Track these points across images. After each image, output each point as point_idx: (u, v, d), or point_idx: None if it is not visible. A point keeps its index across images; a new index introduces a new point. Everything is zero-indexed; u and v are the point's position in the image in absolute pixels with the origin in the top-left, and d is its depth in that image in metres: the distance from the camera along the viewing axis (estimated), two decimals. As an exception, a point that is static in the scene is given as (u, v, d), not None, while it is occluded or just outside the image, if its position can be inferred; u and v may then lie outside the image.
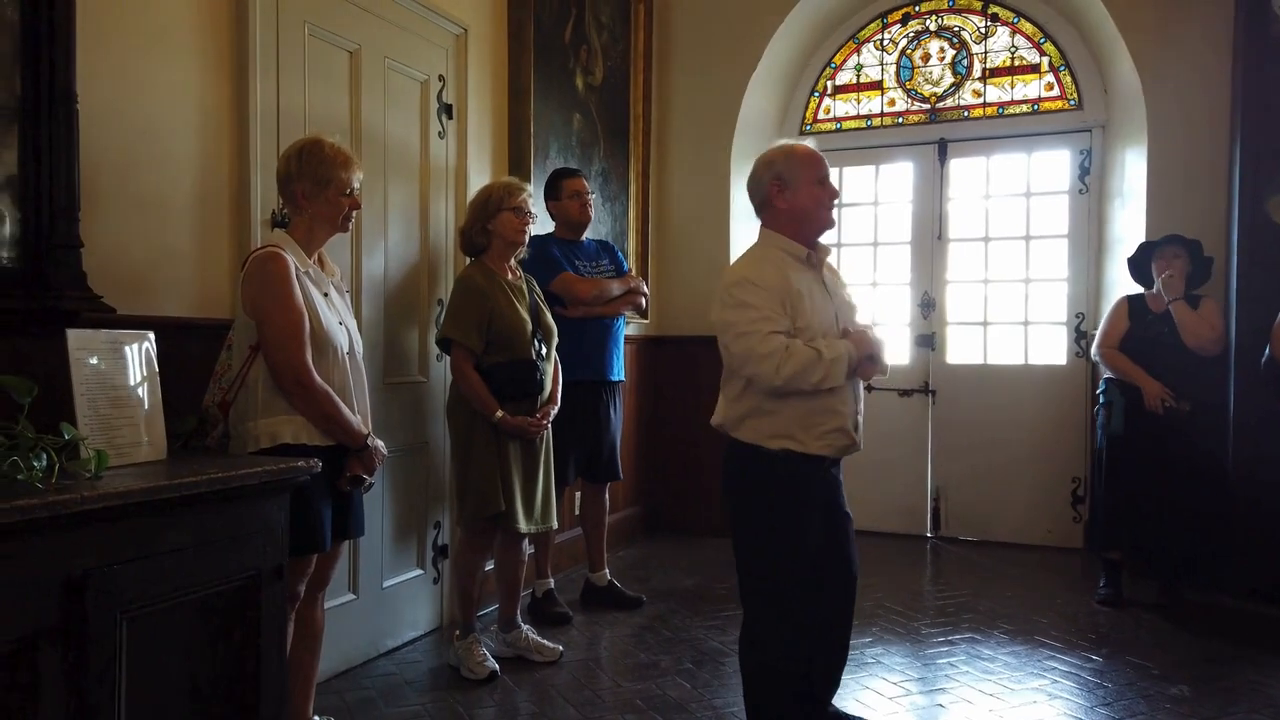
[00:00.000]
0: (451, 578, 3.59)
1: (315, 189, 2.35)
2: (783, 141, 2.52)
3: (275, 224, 2.69)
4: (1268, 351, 3.63)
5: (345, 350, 2.41)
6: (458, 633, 3.28)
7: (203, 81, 2.60)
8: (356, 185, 2.44)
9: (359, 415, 2.41)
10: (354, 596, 3.21)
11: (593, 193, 4.00)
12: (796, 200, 2.39)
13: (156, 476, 1.75)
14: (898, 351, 5.42)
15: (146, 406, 1.96)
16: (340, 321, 2.43)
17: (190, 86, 2.57)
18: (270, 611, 1.95)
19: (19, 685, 1.47)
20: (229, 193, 2.70)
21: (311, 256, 2.41)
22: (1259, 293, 4.01)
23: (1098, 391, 4.25)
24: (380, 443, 2.45)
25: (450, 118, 3.70)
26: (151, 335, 2.04)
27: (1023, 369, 5.26)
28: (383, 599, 3.37)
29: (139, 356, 1.98)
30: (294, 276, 2.27)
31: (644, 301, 4.10)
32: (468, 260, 3.41)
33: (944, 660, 3.40)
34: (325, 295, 2.40)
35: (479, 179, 3.76)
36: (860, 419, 2.47)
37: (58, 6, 2.07)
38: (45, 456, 1.60)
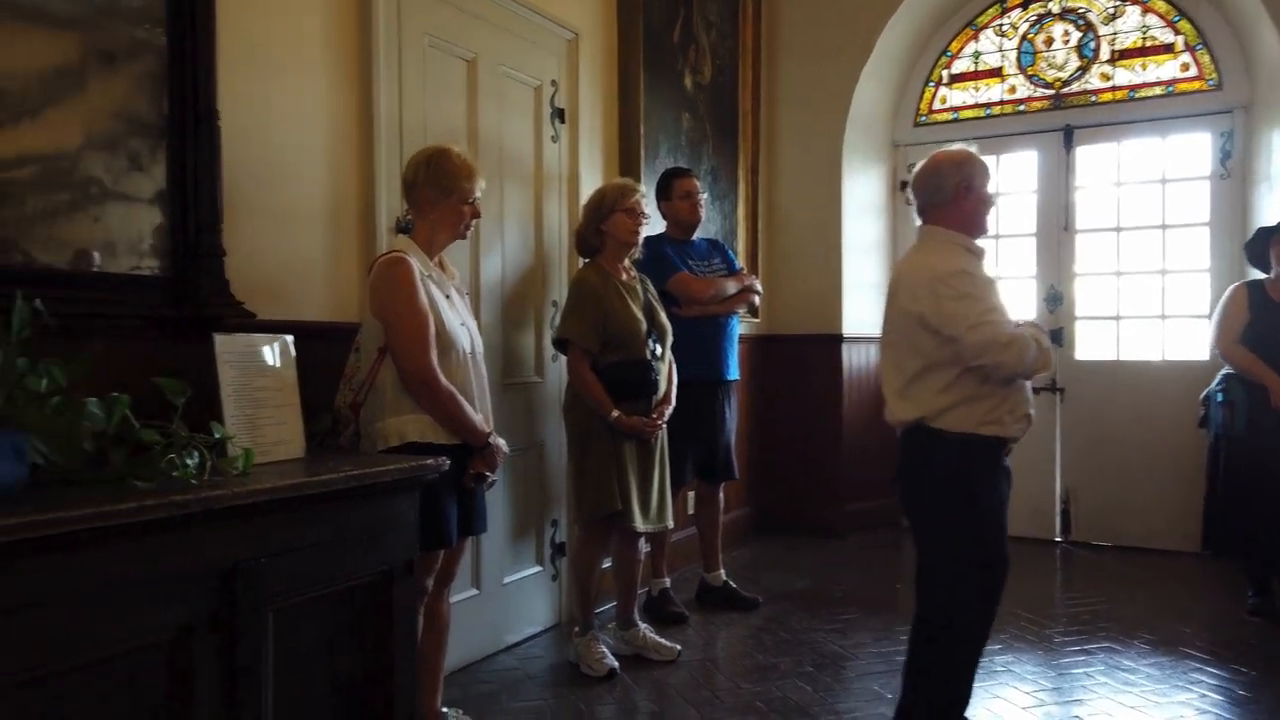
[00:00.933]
0: (569, 575, 3.64)
1: (439, 196, 2.42)
2: (960, 146, 2.60)
3: (399, 230, 2.78)
4: None
5: (467, 351, 2.47)
6: (576, 629, 3.32)
7: (331, 95, 2.71)
8: (478, 195, 2.50)
9: (481, 414, 2.46)
10: (476, 592, 3.28)
11: (703, 192, 3.98)
12: (972, 205, 2.50)
13: (297, 474, 1.83)
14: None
15: (286, 406, 2.04)
16: (462, 323, 2.49)
17: (319, 101, 2.67)
18: (402, 605, 2.01)
19: (177, 672, 1.55)
20: (355, 201, 2.80)
21: (433, 260, 2.48)
22: None
23: (1215, 387, 3.96)
24: (502, 441, 2.50)
25: (562, 121, 3.75)
26: (290, 338, 2.13)
27: (1159, 365, 4.97)
28: (503, 595, 3.43)
29: (279, 359, 2.07)
30: (418, 280, 2.34)
31: (757, 299, 4.07)
32: (582, 261, 3.44)
33: (1079, 670, 3.24)
34: (447, 297, 2.47)
35: (591, 181, 3.80)
36: None
37: (200, 30, 2.19)
38: (197, 454, 1.69)
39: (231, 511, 1.60)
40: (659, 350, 3.30)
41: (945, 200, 2.50)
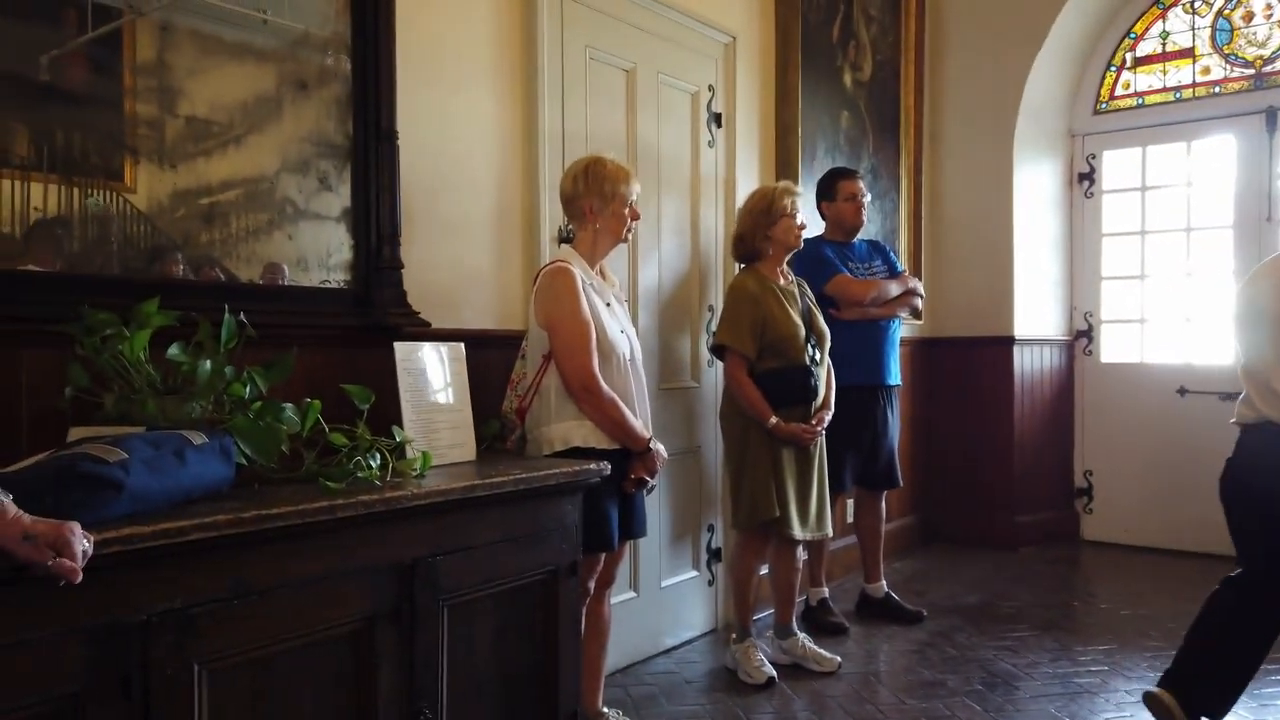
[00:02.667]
0: (727, 581, 3.63)
1: (601, 204, 2.48)
2: None
3: (561, 240, 2.86)
4: None
5: (627, 357, 2.51)
6: (734, 636, 3.31)
7: (497, 110, 2.81)
8: (635, 197, 2.54)
9: (641, 419, 2.50)
10: (635, 595, 3.33)
11: (866, 194, 3.88)
12: None
13: (470, 476, 1.91)
14: (1219, 349, 4.80)
15: (459, 412, 2.14)
16: (622, 330, 2.53)
17: (487, 116, 2.78)
18: (567, 605, 2.07)
19: (363, 659, 1.66)
20: (520, 212, 2.90)
21: (594, 268, 2.54)
22: None
23: None
24: (661, 446, 2.53)
25: (719, 126, 3.75)
26: (462, 346, 2.23)
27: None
28: (661, 598, 3.46)
29: (453, 366, 2.17)
30: (581, 289, 2.40)
31: (920, 302, 3.94)
32: (738, 267, 3.43)
33: (1287, 705, 2.95)
34: (608, 305, 2.51)
35: (746, 185, 3.78)
36: None
37: (382, 55, 2.33)
38: (379, 456, 1.80)
39: (411, 511, 1.70)
40: (818, 355, 3.24)
41: None
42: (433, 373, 2.12)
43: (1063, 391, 5.31)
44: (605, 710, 2.70)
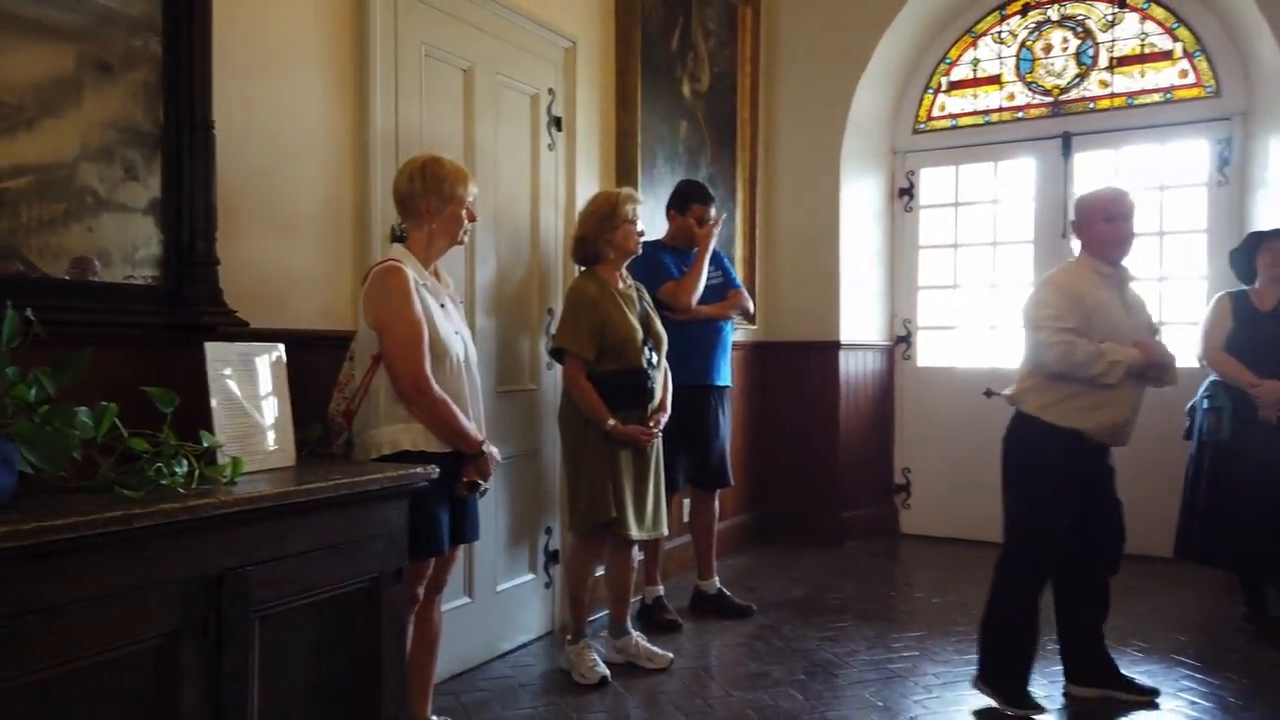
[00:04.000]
0: (563, 583, 3.65)
1: (439, 204, 2.44)
2: (1108, 187, 3.05)
3: (394, 239, 2.79)
4: None
5: (461, 359, 2.48)
6: (569, 637, 3.33)
7: (327, 104, 2.72)
8: (472, 199, 2.52)
9: (474, 422, 2.48)
10: (469, 600, 3.29)
11: (716, 223, 3.88)
12: (1096, 235, 2.97)
13: (286, 482, 1.85)
14: (1020, 354, 5.20)
15: (277, 415, 2.06)
16: (456, 331, 2.50)
17: (316, 109, 2.69)
18: (390, 613, 2.03)
19: (164, 677, 1.57)
20: (351, 210, 2.81)
21: (429, 269, 2.50)
22: None
23: (1202, 395, 3.97)
24: (495, 449, 2.51)
25: (559, 130, 3.76)
26: (282, 347, 2.14)
27: (1156, 373, 4.96)
28: (497, 603, 3.44)
29: (270, 368, 2.09)
30: (413, 289, 2.35)
31: (750, 305, 4.08)
32: (578, 269, 3.46)
33: (1072, 679, 3.24)
34: (442, 306, 2.48)
35: (586, 189, 3.81)
36: (1136, 415, 2.98)
37: (196, 39, 2.21)
38: (186, 463, 1.70)
39: (218, 520, 1.62)
40: (655, 358, 3.31)
41: (1079, 231, 3.01)
42: (248, 374, 2.03)
43: (883, 393, 5.64)
44: (434, 718, 2.66)
